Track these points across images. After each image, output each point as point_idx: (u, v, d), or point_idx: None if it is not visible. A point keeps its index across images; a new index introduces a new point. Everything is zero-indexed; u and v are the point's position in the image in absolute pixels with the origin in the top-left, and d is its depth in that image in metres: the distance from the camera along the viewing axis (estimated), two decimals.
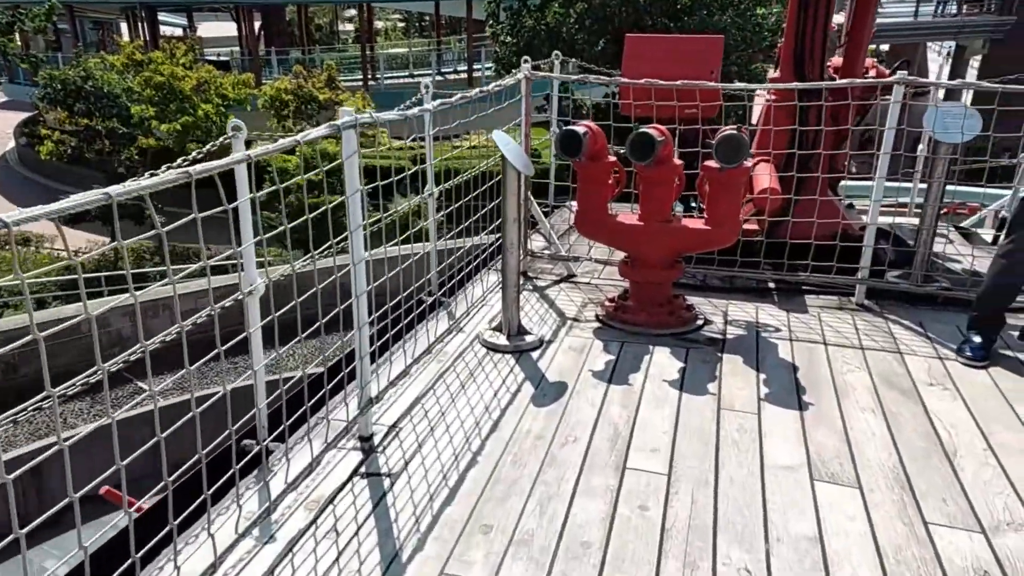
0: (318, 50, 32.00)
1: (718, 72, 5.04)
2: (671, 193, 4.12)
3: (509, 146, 3.74)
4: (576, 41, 17.95)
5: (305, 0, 32.51)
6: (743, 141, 3.64)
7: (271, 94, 20.32)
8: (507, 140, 3.78)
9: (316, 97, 20.00)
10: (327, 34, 47.67)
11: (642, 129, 3.84)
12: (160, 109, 19.41)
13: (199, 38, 36.49)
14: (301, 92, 19.93)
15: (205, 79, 19.46)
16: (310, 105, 20.18)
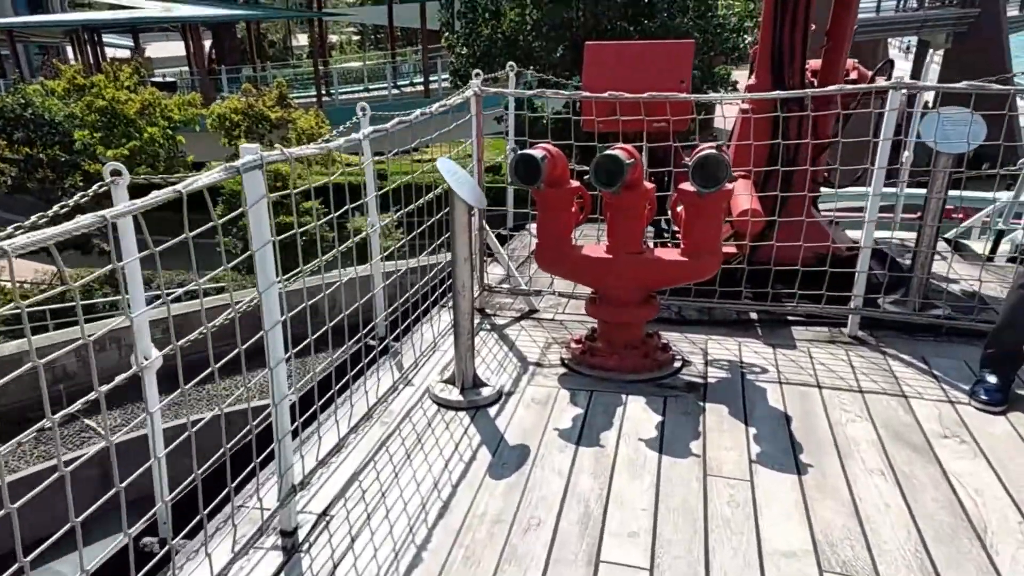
0: (270, 67, 31.15)
1: (689, 81, 4.62)
2: (642, 222, 3.68)
3: (457, 176, 3.25)
4: (534, 49, 17.62)
5: (254, 16, 31.69)
6: (724, 162, 3.20)
7: (220, 114, 19.57)
8: (454, 169, 3.29)
9: (267, 116, 19.29)
10: (280, 50, 46.80)
11: (608, 151, 3.39)
12: (105, 134, 18.50)
13: (148, 59, 35.39)
14: (252, 111, 19.21)
15: (150, 101, 18.61)
16: (261, 124, 19.46)
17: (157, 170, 19.24)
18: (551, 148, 3.62)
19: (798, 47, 4.69)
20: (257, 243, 2.19)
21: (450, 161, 3.31)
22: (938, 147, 3.79)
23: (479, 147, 4.34)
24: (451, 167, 3.27)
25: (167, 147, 19.18)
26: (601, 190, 3.47)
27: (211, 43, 37.15)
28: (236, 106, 19.78)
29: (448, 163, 3.28)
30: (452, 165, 3.29)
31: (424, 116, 3.78)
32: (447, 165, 3.26)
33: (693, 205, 3.45)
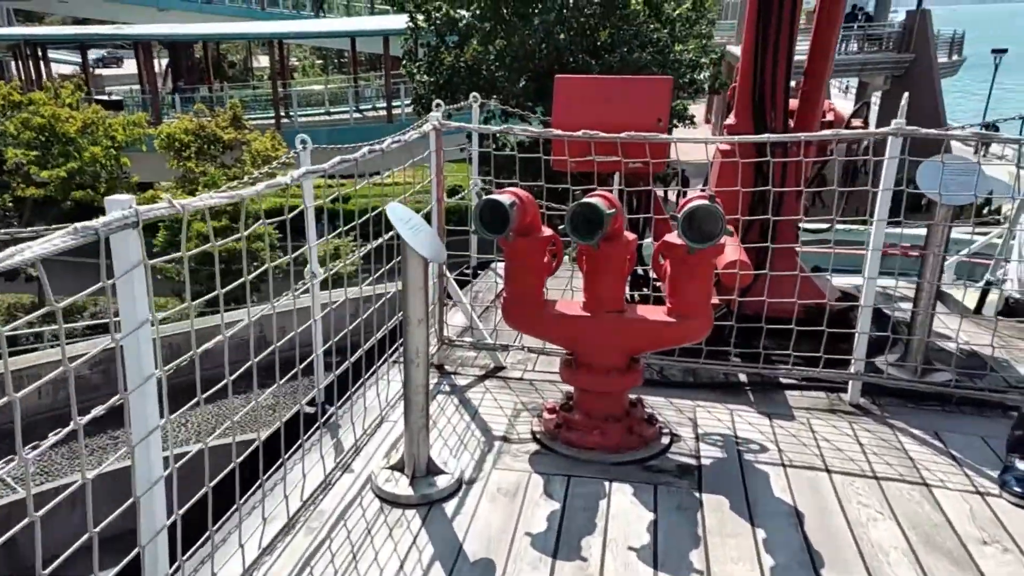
0: (228, 87, 30.31)
1: (666, 119, 4.24)
2: (623, 276, 3.23)
3: (411, 224, 2.75)
4: (497, 79, 17.33)
5: (211, 36, 30.87)
6: (717, 214, 2.78)
7: (169, 134, 18.69)
8: (407, 215, 2.79)
9: (220, 137, 18.50)
10: (241, 71, 45.87)
11: (586, 199, 2.94)
12: (41, 154, 17.45)
13: (99, 76, 34.14)
14: (203, 132, 18.39)
15: (92, 120, 17.66)
16: (213, 146, 18.65)
17: (98, 191, 18.25)
18: (520, 193, 3.15)
19: (780, 87, 4.38)
20: (128, 324, 1.64)
21: (402, 207, 2.81)
22: (943, 199, 3.45)
23: (439, 187, 3.85)
24: (404, 214, 2.77)
25: (110, 168, 18.21)
26: (578, 242, 3.01)
27: (167, 61, 36.14)
28: (186, 126, 18.94)
29: (400, 209, 2.78)
30: (405, 212, 2.79)
31: (372, 154, 3.30)
32: (399, 212, 2.76)
33: (682, 261, 3.01)
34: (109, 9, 35.65)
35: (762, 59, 4.30)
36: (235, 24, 33.44)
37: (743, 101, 4.49)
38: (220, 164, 19.06)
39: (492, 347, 4.03)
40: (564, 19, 16.84)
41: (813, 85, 4.82)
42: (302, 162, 3.15)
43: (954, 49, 31.25)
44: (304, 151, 3.15)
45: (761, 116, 4.37)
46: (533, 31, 16.45)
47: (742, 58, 4.50)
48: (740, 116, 4.54)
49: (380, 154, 3.24)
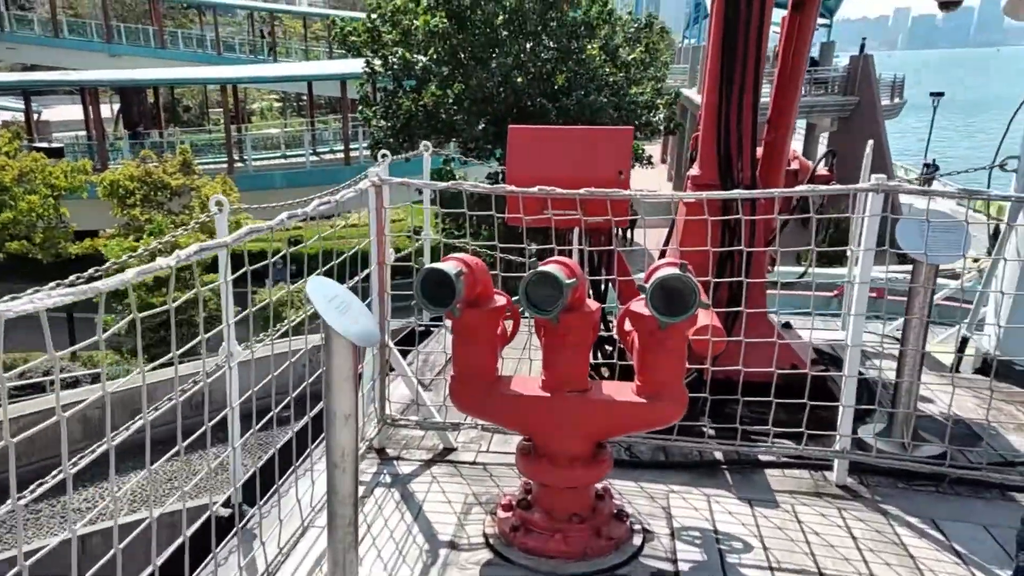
0: (180, 132, 29.67)
1: (628, 172, 3.96)
2: (587, 352, 2.87)
3: (337, 302, 2.34)
4: (455, 122, 17.21)
5: (162, 81, 30.32)
6: (690, 286, 2.45)
7: (113, 180, 17.95)
8: (332, 292, 2.38)
9: (167, 183, 17.83)
10: (196, 115, 45.22)
11: (544, 268, 2.58)
12: None
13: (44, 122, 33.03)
14: (150, 179, 17.71)
15: (30, 168, 16.86)
16: (161, 192, 17.96)
17: (33, 242, 17.34)
18: (468, 259, 2.79)
19: (748, 139, 4.16)
20: None
21: (327, 283, 2.41)
22: (927, 258, 3.20)
23: (380, 249, 3.46)
24: (329, 290, 2.36)
25: (48, 217, 17.35)
26: (535, 316, 2.65)
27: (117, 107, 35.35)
28: (131, 172, 18.23)
29: (324, 285, 2.37)
30: (330, 287, 2.38)
31: (301, 215, 2.92)
32: (323, 288, 2.35)
33: (651, 336, 2.67)
34: (57, 55, 34.92)
35: (727, 110, 4.08)
36: (189, 69, 32.96)
37: (707, 152, 4.25)
38: (167, 211, 18.37)
39: (441, 426, 3.60)
40: (522, 63, 16.89)
41: (779, 135, 4.63)
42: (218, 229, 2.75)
43: (895, 92, 32.57)
44: (221, 212, 2.76)
45: (728, 169, 4.13)
46: (491, 75, 16.43)
47: (705, 109, 4.28)
48: (705, 168, 4.30)
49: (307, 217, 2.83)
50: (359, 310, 2.41)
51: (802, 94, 4.83)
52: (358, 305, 2.43)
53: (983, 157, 5.27)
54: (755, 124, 4.14)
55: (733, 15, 3.97)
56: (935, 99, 29.00)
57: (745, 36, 3.97)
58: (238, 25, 49.88)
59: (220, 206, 2.69)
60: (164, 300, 9.92)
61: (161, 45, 37.44)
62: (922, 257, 3.13)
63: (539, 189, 3.31)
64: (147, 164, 18.75)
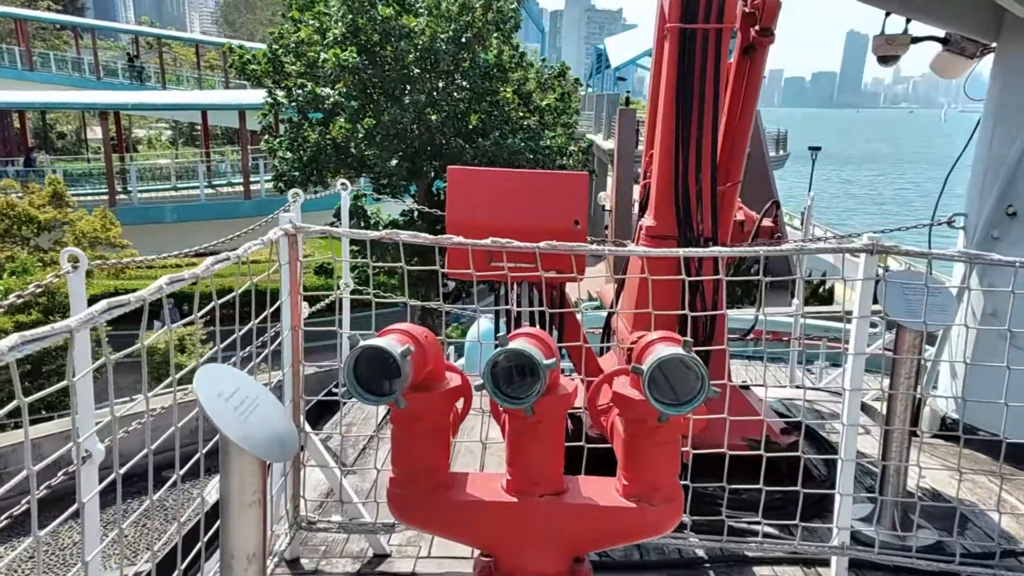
0: (53, 160, 27.09)
1: (585, 221, 3.53)
2: (561, 442, 2.34)
3: (235, 399, 1.69)
4: (367, 157, 16.51)
5: (31, 105, 27.70)
6: (699, 371, 2.00)
7: None
8: (229, 384, 1.73)
9: (34, 217, 15.91)
10: (73, 143, 41.77)
11: (513, 345, 2.05)
12: None
13: None
14: (12, 212, 15.74)
15: None
16: (26, 227, 15.99)
17: None
18: (414, 330, 2.22)
19: (707, 188, 3.86)
20: None
21: (223, 370, 1.76)
22: (905, 322, 2.94)
23: (294, 312, 2.81)
24: (224, 382, 1.71)
25: None
26: (504, 407, 2.11)
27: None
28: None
29: (218, 376, 1.72)
30: (227, 378, 1.73)
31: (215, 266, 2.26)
32: (216, 381, 1.70)
33: (643, 425, 2.19)
34: None
35: (684, 159, 3.77)
36: (65, 93, 30.37)
37: (663, 203, 3.91)
38: (35, 247, 16.37)
39: (370, 528, 2.93)
40: (435, 101, 16.52)
41: (729, 187, 4.39)
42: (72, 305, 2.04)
43: (780, 144, 34.88)
44: (75, 271, 2.04)
45: (688, 221, 3.79)
46: (404, 110, 15.93)
47: (659, 157, 3.95)
48: (660, 219, 3.95)
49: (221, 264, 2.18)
50: (268, 408, 1.78)
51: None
52: (267, 400, 1.79)
53: (853, 202, 5.54)
54: (715, 173, 3.85)
55: (688, 61, 3.70)
56: (813, 153, 31.25)
57: (701, 83, 3.70)
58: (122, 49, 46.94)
59: (75, 263, 1.98)
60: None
61: (29, 67, 34.45)
62: (913, 324, 2.86)
63: (492, 241, 2.80)
64: (9, 195, 16.72)
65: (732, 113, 4.38)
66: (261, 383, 1.83)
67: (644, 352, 2.15)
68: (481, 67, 17.14)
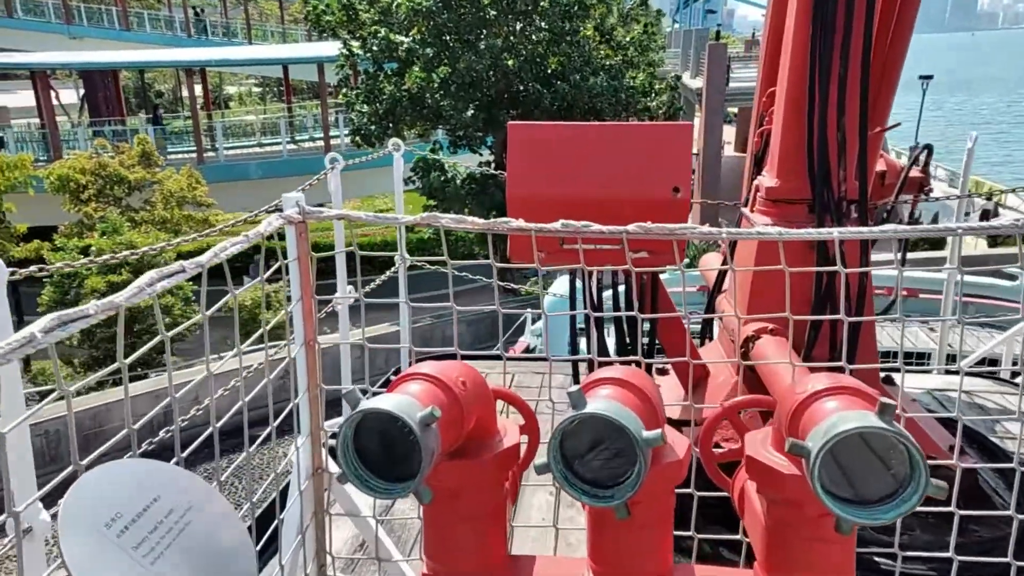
0: (142, 120, 27.96)
1: (688, 186, 2.68)
2: (668, 533, 1.61)
3: (132, 539, 1.06)
4: (442, 108, 15.81)
5: (130, 64, 28.56)
6: (915, 457, 1.21)
7: (61, 174, 16.35)
8: (132, 500, 1.10)
9: (124, 177, 16.27)
10: (170, 101, 43.26)
11: (594, 407, 1.32)
12: None
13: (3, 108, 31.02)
14: (104, 172, 16.15)
15: None
16: (117, 187, 16.40)
17: None
18: (447, 374, 1.51)
19: (853, 133, 2.89)
20: None
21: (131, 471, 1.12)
22: None
23: (308, 324, 2.16)
24: (124, 503, 1.08)
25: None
26: (587, 504, 1.39)
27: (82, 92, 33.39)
28: (83, 165, 16.64)
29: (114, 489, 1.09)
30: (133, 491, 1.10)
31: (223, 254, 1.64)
32: (102, 503, 1.06)
33: (797, 512, 1.43)
34: (15, 37, 32.93)
35: (823, 98, 2.82)
36: (156, 52, 31.16)
37: (791, 157, 2.99)
38: (125, 207, 16.83)
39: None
40: (512, 45, 15.51)
41: (877, 131, 3.38)
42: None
43: None
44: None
45: (826, 181, 2.87)
46: (480, 57, 15.04)
47: (787, 95, 3.01)
48: (788, 176, 3.04)
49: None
50: (202, 525, 1.13)
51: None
52: (206, 510, 1.14)
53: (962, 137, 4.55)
54: (866, 114, 2.88)
55: None
56: (924, 81, 27.85)
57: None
58: (211, 6, 47.78)
59: None
60: (131, 310, 8.74)
61: (126, 27, 35.48)
62: None
63: (564, 224, 2.04)
64: (102, 155, 17.17)
65: (882, 33, 3.34)
66: (200, 478, 1.19)
67: (803, 411, 1.37)
68: (561, 5, 15.87)
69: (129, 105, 33.16)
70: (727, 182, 23.60)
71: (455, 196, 16.11)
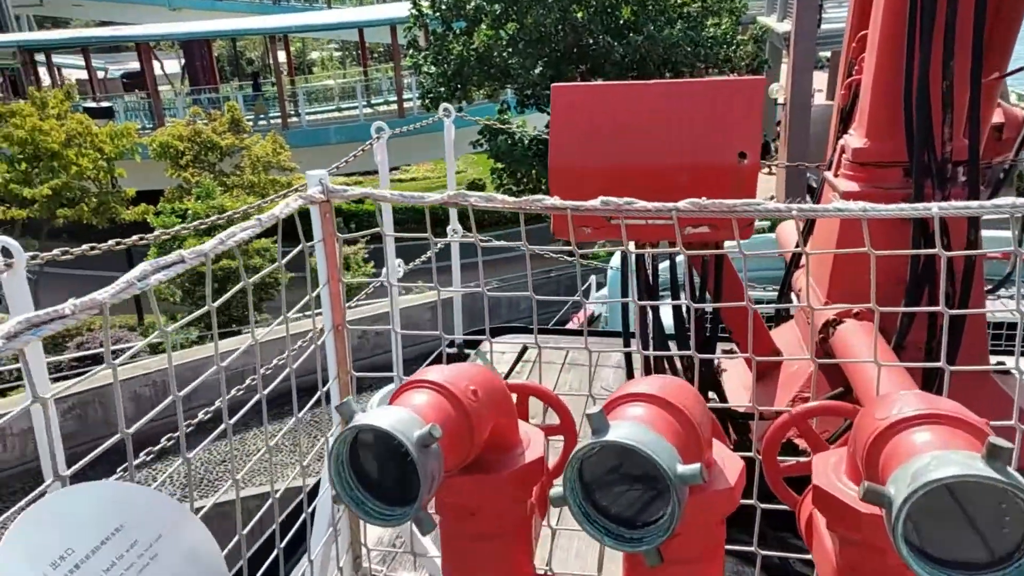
0: (231, 87, 28.88)
1: (757, 151, 2.35)
2: (718, 565, 1.40)
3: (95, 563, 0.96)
4: (510, 66, 15.43)
5: (220, 33, 29.42)
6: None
7: (162, 141, 17.20)
8: (90, 530, 1.00)
9: (216, 143, 16.91)
10: (259, 68, 44.49)
11: (617, 433, 1.11)
12: (25, 171, 16.11)
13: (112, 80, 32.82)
14: (199, 138, 16.83)
15: (77, 131, 16.20)
16: (211, 153, 17.08)
17: (89, 205, 16.85)
18: (456, 381, 1.33)
19: (962, 82, 2.46)
20: None
21: (94, 496, 1.01)
22: None
23: (335, 304, 2.03)
24: (78, 536, 0.97)
25: (100, 181, 16.78)
26: (623, 550, 1.19)
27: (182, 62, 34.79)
28: (180, 132, 17.44)
29: (71, 519, 0.98)
30: (92, 518, 0.99)
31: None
32: (54, 536, 0.96)
33: (872, 555, 1.19)
34: (119, 11, 34.53)
35: (926, 41, 2.40)
36: (245, 20, 31.95)
37: (884, 111, 2.59)
38: (218, 172, 17.54)
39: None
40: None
41: (993, 78, 2.89)
42: None
43: None
44: None
45: (926, 140, 2.46)
46: (548, 10, 14.48)
47: (881, 37, 2.60)
48: (880, 135, 2.64)
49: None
50: (172, 557, 1.01)
51: None
52: (177, 537, 1.03)
53: None
54: (979, 59, 2.43)
55: None
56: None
57: None
58: None
59: None
60: (225, 268, 9.29)
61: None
62: None
63: (603, 202, 1.80)
64: (196, 122, 17.91)
65: None
66: (174, 501, 1.07)
67: (885, 443, 1.11)
68: None
69: (223, 73, 34.25)
70: (819, 136, 22.05)
71: (522, 158, 15.81)
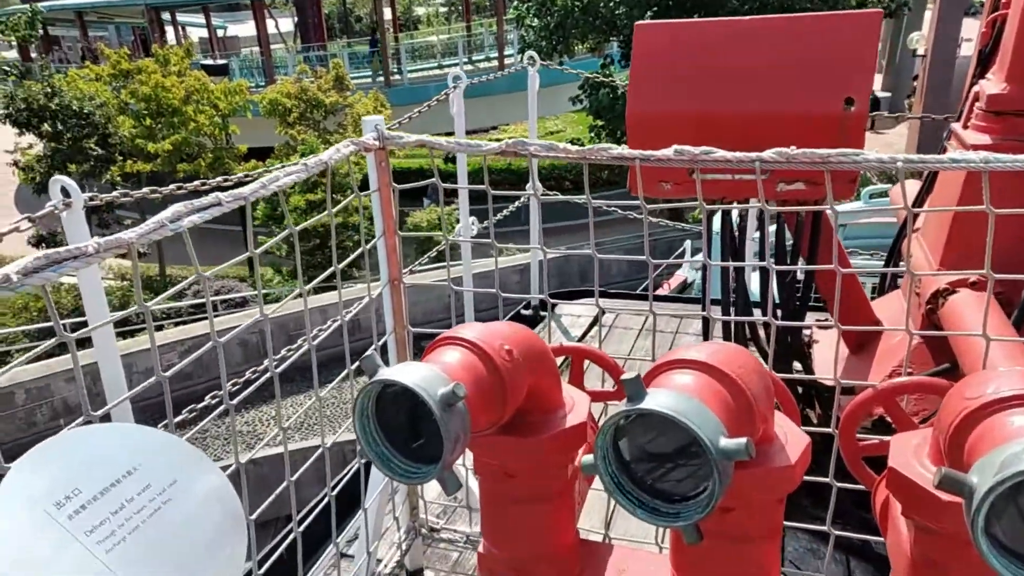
0: (338, 45, 29.59)
1: (866, 98, 2.08)
2: (774, 546, 1.27)
3: (87, 521, 0.97)
4: (617, 17, 14.81)
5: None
6: None
7: (272, 99, 17.97)
8: (97, 472, 1.01)
9: (321, 101, 17.47)
10: (368, 25, 45.35)
11: (654, 400, 1.00)
12: (149, 126, 17.36)
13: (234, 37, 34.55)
14: (305, 96, 17.45)
15: (194, 88, 17.21)
16: (316, 110, 17.68)
17: (205, 160, 17.98)
18: (491, 339, 1.26)
19: None
20: None
21: (104, 436, 1.02)
22: None
23: (391, 257, 2.00)
24: (84, 477, 0.98)
25: (215, 137, 17.83)
26: (658, 524, 1.09)
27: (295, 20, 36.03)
28: (288, 90, 18.14)
29: (78, 458, 0.99)
30: (98, 459, 1.00)
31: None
32: (60, 474, 0.98)
33: (948, 544, 1.03)
34: None
35: None
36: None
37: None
38: (323, 130, 18.16)
39: None
40: None
41: None
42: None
43: None
44: None
45: None
46: None
47: None
48: (1019, 79, 2.27)
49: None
50: (186, 505, 1.01)
51: None
52: (193, 486, 1.02)
53: None
54: None
55: None
56: None
57: None
58: None
59: None
60: (326, 224, 9.47)
61: None
62: None
63: (676, 151, 1.64)
64: (303, 80, 18.55)
65: None
66: (193, 447, 1.07)
67: (972, 426, 0.95)
68: None
69: (333, 31, 35.11)
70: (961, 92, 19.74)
71: (624, 114, 15.26)
